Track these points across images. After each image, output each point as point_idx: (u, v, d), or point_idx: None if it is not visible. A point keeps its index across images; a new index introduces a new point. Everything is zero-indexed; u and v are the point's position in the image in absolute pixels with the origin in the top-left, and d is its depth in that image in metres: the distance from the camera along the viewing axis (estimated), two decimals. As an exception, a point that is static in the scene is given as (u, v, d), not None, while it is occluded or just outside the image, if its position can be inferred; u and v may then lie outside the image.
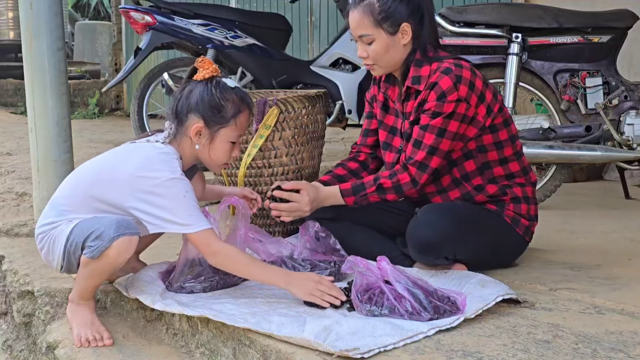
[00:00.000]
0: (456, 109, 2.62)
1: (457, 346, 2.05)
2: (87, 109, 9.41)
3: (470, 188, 2.77)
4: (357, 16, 2.69)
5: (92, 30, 13.30)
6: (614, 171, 4.97)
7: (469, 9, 4.11)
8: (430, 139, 2.64)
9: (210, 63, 2.57)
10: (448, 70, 2.64)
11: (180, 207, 2.45)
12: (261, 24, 5.18)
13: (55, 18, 3.42)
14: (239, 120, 2.57)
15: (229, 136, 2.57)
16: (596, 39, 4.07)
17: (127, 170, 2.49)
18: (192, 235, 2.45)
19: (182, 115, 2.56)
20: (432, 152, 2.65)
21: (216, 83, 2.55)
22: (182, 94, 2.57)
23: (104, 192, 2.51)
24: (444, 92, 2.62)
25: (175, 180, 2.46)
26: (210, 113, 2.53)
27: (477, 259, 2.73)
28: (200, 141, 2.56)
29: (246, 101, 2.60)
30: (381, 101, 2.92)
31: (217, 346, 2.36)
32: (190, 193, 2.47)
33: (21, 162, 5.28)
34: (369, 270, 2.30)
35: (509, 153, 2.78)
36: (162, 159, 2.50)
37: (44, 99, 3.40)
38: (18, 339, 3.06)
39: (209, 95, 2.53)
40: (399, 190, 2.71)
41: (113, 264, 2.47)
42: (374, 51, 2.69)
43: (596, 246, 3.24)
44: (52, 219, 2.57)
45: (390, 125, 2.89)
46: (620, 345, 2.04)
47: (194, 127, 2.54)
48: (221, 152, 2.59)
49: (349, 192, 2.74)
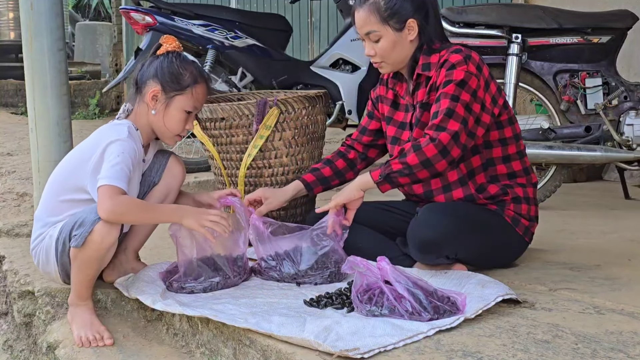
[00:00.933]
0: (467, 79, 2.64)
1: (457, 346, 2.05)
2: (88, 110, 9.41)
3: (473, 189, 2.77)
4: (364, 14, 2.72)
5: (93, 31, 13.30)
6: (613, 171, 4.98)
7: (469, 9, 4.12)
8: (445, 104, 2.62)
9: (174, 40, 2.72)
10: (458, 50, 2.70)
11: (108, 165, 2.49)
12: (261, 25, 5.18)
13: (56, 18, 3.42)
14: (195, 91, 2.66)
15: (184, 104, 2.65)
16: (596, 40, 4.08)
17: (83, 151, 2.62)
18: (98, 189, 2.47)
19: (141, 84, 2.67)
20: (448, 115, 2.61)
21: (177, 54, 2.69)
22: (144, 66, 2.69)
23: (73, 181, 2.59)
24: (453, 64, 2.65)
25: (118, 142, 2.53)
26: (168, 79, 2.64)
27: (477, 259, 2.74)
28: (156, 106, 2.64)
29: (204, 76, 2.72)
30: (391, 99, 2.93)
31: (217, 346, 2.37)
32: (126, 154, 2.52)
33: (22, 163, 5.29)
34: (369, 270, 2.30)
35: (512, 151, 2.80)
36: (110, 128, 2.63)
37: (44, 99, 3.40)
38: (18, 339, 3.06)
39: (169, 63, 2.66)
40: (418, 147, 2.58)
41: (99, 250, 2.46)
42: (382, 48, 2.72)
43: (596, 246, 3.24)
44: (39, 231, 2.65)
45: (400, 121, 2.90)
46: (620, 346, 2.05)
47: (151, 91, 2.64)
48: (175, 120, 2.66)
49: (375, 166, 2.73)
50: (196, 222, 2.52)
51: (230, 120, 3.19)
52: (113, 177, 2.46)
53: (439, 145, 2.57)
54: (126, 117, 2.69)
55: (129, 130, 2.60)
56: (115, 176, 2.46)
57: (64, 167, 2.68)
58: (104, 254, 2.52)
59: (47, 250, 2.60)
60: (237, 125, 3.18)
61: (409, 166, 2.60)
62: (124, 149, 2.52)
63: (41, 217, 2.66)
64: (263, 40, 5.08)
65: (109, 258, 2.59)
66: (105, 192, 2.44)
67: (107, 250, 2.50)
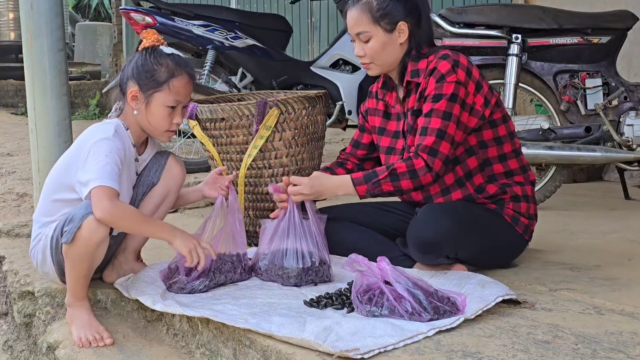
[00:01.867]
0: (456, 91, 2.65)
1: (457, 347, 2.05)
2: (88, 110, 9.41)
3: (472, 190, 2.77)
4: (355, 14, 2.73)
5: (93, 31, 13.31)
6: (613, 172, 4.98)
7: (469, 10, 4.12)
8: (436, 123, 2.64)
9: (154, 33, 2.68)
10: (445, 55, 2.70)
11: (94, 165, 2.48)
12: (261, 25, 5.18)
13: (56, 19, 3.42)
14: (173, 84, 2.62)
15: (164, 100, 2.62)
16: (596, 40, 4.08)
17: (73, 151, 2.62)
18: (92, 190, 2.44)
19: (123, 84, 2.67)
20: (440, 136, 2.63)
21: (152, 50, 2.65)
22: (125, 65, 2.68)
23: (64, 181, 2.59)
24: (442, 75, 2.65)
25: (104, 140, 2.52)
26: (144, 77, 2.62)
27: (477, 258, 2.74)
28: (138, 106, 2.63)
29: (182, 66, 2.65)
30: (382, 110, 2.93)
31: (217, 346, 2.37)
32: (113, 153, 2.51)
33: (22, 163, 5.29)
34: (369, 270, 2.30)
35: (508, 150, 2.80)
36: (97, 127, 2.62)
37: (44, 100, 3.41)
38: (19, 339, 3.06)
39: (143, 61, 2.63)
40: (414, 175, 2.63)
41: (88, 245, 2.45)
42: (371, 49, 2.73)
43: (596, 247, 3.25)
44: (36, 232, 2.67)
45: (393, 130, 2.89)
46: (620, 346, 2.05)
47: (130, 92, 2.63)
48: (159, 116, 2.64)
49: (360, 180, 2.68)
50: (186, 247, 2.51)
51: (231, 121, 3.19)
52: (106, 178, 2.44)
53: (433, 173, 2.64)
54: (118, 116, 2.68)
55: (116, 128, 2.59)
56: (107, 177, 2.45)
57: (57, 167, 2.68)
58: (94, 250, 2.48)
59: (43, 250, 2.61)
60: (237, 125, 3.18)
61: (401, 190, 2.68)
62: (111, 148, 2.51)
63: (38, 219, 2.68)
64: (263, 40, 5.08)
65: (100, 255, 2.55)
66: (102, 193, 2.42)
67: (96, 246, 2.47)
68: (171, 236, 2.52)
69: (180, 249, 2.52)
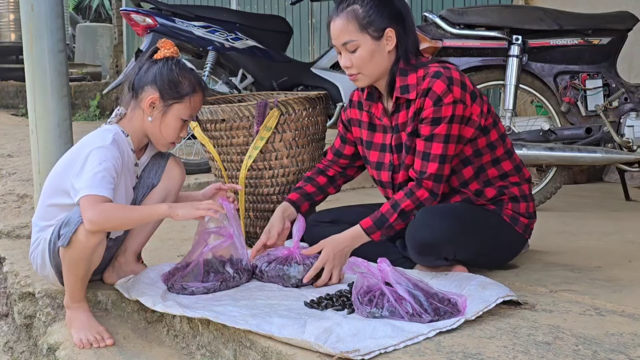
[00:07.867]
0: (454, 111, 2.62)
1: (457, 348, 2.05)
2: (88, 111, 9.41)
3: (470, 194, 2.77)
4: (341, 23, 2.66)
5: (93, 32, 13.32)
6: (614, 173, 4.98)
7: (470, 11, 4.11)
8: (438, 149, 2.63)
9: (172, 44, 2.69)
10: (438, 73, 2.63)
11: (87, 173, 2.47)
12: (262, 26, 5.18)
13: (56, 20, 3.42)
14: (193, 100, 2.65)
15: (181, 113, 2.64)
16: (596, 41, 4.08)
17: (69, 156, 2.62)
18: (80, 200, 2.43)
19: (138, 89, 2.64)
20: (443, 161, 2.64)
21: (176, 61, 2.67)
22: (141, 70, 2.66)
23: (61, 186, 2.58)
24: (439, 97, 2.61)
25: (100, 149, 2.52)
26: (167, 87, 2.62)
27: (476, 259, 2.74)
28: (153, 113, 2.63)
29: (202, 85, 2.70)
30: (366, 122, 2.87)
31: (217, 348, 2.37)
32: (108, 162, 2.50)
33: (22, 164, 5.29)
34: (369, 271, 2.30)
35: (500, 153, 2.78)
36: (95, 134, 2.61)
37: (45, 101, 3.41)
38: (19, 340, 3.06)
39: (169, 71, 2.63)
40: (421, 206, 2.67)
41: (84, 249, 2.45)
42: (359, 58, 2.66)
43: (596, 248, 3.24)
44: (35, 236, 2.67)
45: (380, 144, 2.84)
46: (621, 347, 2.05)
47: (149, 98, 2.61)
48: (172, 127, 2.65)
49: (372, 228, 2.67)
50: (192, 209, 2.48)
51: (231, 122, 3.19)
52: (94, 186, 2.43)
53: (438, 199, 2.69)
54: (118, 122, 2.67)
55: (115, 136, 2.58)
56: (95, 185, 2.44)
57: (54, 172, 2.68)
58: (90, 253, 2.48)
59: (42, 253, 2.62)
60: (237, 126, 3.19)
61: None
62: (106, 156, 2.50)
63: (37, 223, 2.68)
64: (263, 41, 5.08)
65: (98, 257, 2.54)
66: (87, 203, 2.41)
67: (92, 249, 2.47)
68: (170, 210, 2.49)
69: (190, 213, 2.48)
